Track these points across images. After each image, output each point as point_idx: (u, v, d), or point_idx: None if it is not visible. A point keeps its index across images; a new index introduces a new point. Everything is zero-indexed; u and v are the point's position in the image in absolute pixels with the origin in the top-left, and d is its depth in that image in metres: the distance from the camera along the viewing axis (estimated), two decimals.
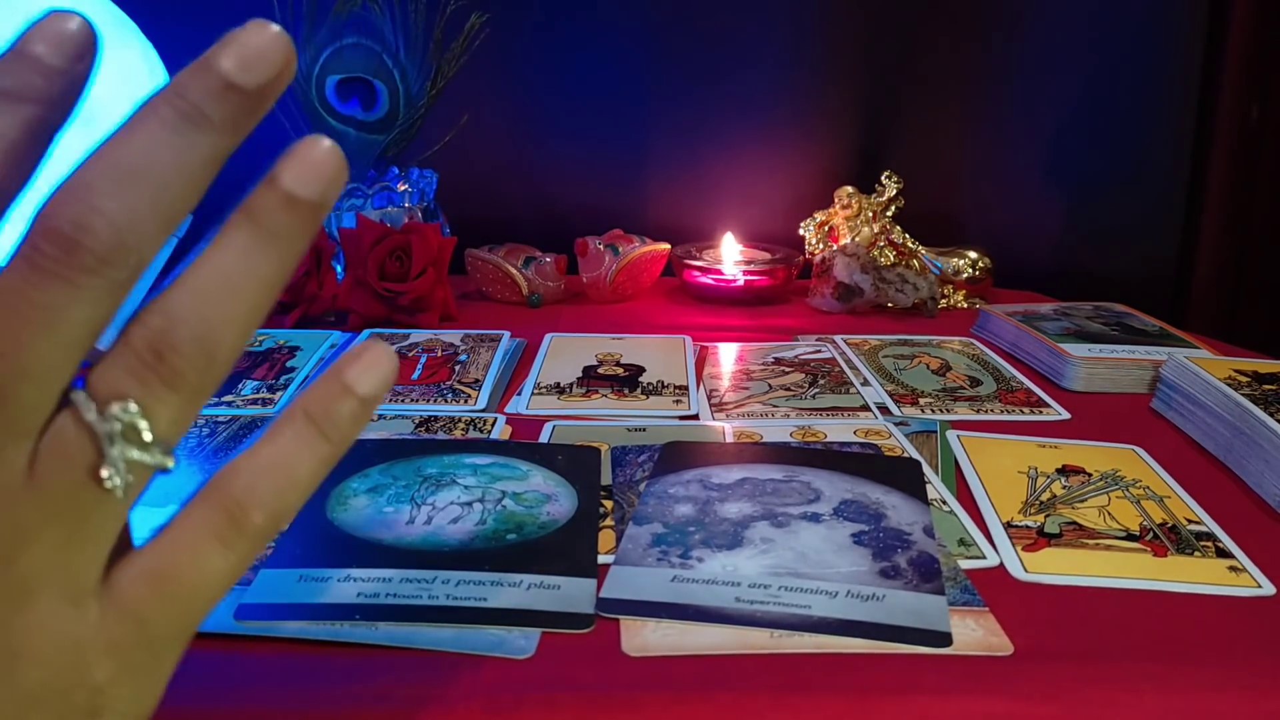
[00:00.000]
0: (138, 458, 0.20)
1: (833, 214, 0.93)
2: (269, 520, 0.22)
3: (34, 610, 0.20)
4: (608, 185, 1.02)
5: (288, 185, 0.21)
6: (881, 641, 0.37)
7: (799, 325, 0.83)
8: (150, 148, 0.20)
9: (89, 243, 0.19)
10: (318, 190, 0.21)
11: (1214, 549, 0.45)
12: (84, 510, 0.20)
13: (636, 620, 0.38)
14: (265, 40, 0.20)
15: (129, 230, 0.19)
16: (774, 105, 1.00)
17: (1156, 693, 0.35)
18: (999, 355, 0.74)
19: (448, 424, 0.59)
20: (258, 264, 0.21)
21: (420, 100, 0.86)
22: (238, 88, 0.20)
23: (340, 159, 0.21)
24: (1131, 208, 1.00)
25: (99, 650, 0.21)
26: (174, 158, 0.20)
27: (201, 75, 0.20)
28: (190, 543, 0.21)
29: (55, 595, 0.20)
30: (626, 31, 0.98)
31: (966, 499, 0.50)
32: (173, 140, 0.20)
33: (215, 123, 0.20)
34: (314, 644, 0.37)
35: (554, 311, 0.86)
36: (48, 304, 0.19)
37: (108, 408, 0.20)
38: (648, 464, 0.52)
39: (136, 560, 0.22)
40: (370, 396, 0.22)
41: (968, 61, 0.99)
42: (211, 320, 0.20)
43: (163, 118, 0.20)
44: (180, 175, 0.20)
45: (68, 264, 0.19)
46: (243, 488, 0.22)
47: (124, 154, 0.19)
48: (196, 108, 0.20)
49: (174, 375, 0.20)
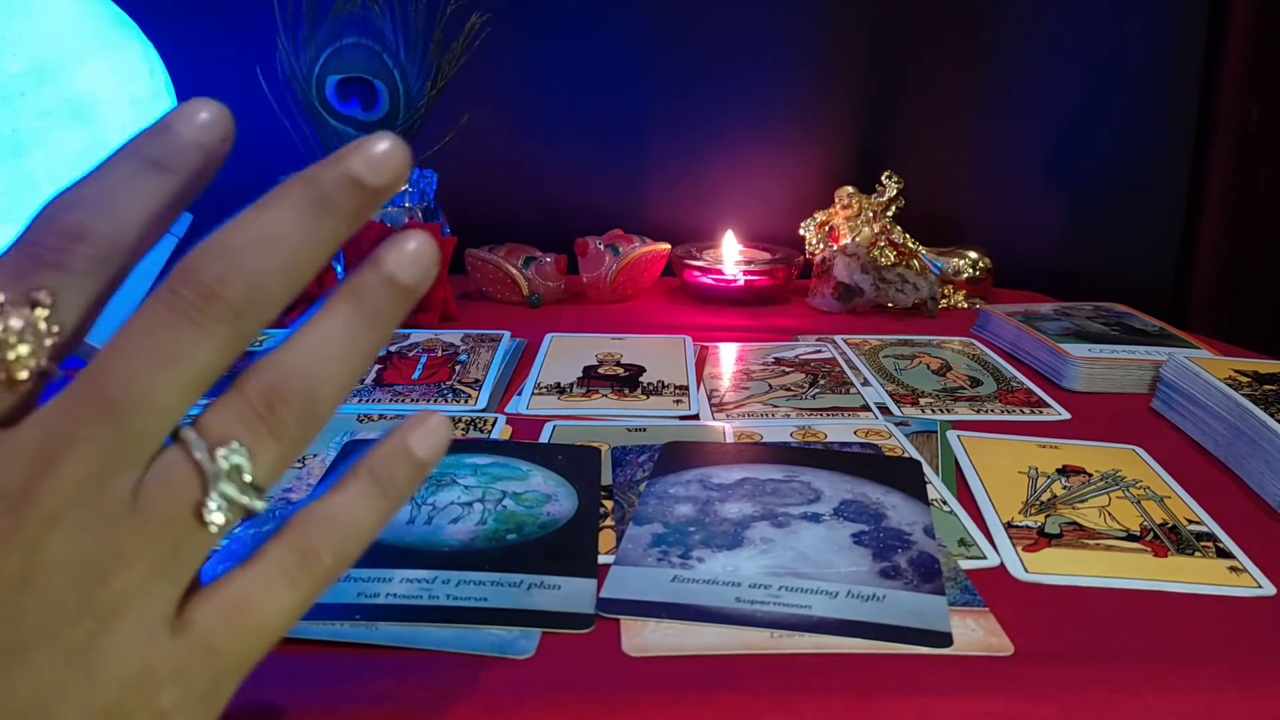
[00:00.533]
0: (237, 498, 0.22)
1: (833, 214, 0.93)
2: (335, 564, 0.24)
3: (118, 632, 0.21)
4: (608, 185, 1.02)
5: (390, 270, 0.23)
6: (881, 641, 0.37)
7: (799, 325, 0.83)
8: (285, 224, 0.22)
9: (226, 294, 0.21)
10: (416, 278, 0.23)
11: (1214, 549, 0.45)
12: (179, 542, 0.22)
13: (637, 620, 0.38)
14: (390, 148, 0.23)
15: (260, 290, 0.22)
16: (774, 105, 1.00)
17: (1156, 693, 0.35)
18: (999, 355, 0.74)
19: None
20: (359, 336, 0.23)
21: (420, 100, 0.86)
22: (363, 185, 0.23)
23: (435, 251, 0.24)
24: (1131, 208, 1.00)
25: (168, 676, 0.22)
26: (303, 235, 0.22)
27: (333, 169, 0.23)
28: (264, 580, 0.23)
29: (138, 620, 0.22)
30: (627, 31, 0.98)
31: (967, 499, 0.50)
32: (303, 220, 0.22)
33: (340, 211, 0.23)
34: (314, 644, 0.37)
35: (554, 311, 0.86)
36: (178, 344, 0.21)
37: (217, 449, 0.22)
38: (648, 464, 0.52)
39: (212, 593, 0.23)
40: (428, 461, 0.25)
41: (968, 62, 0.99)
42: (318, 380, 0.23)
43: (297, 200, 0.22)
44: (306, 250, 0.22)
45: (204, 311, 0.21)
46: (315, 532, 0.24)
47: (263, 225, 0.22)
48: (327, 196, 0.22)
49: (280, 426, 0.22)
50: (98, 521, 0.21)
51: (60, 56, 0.71)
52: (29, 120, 0.69)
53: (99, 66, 0.73)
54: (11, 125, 0.69)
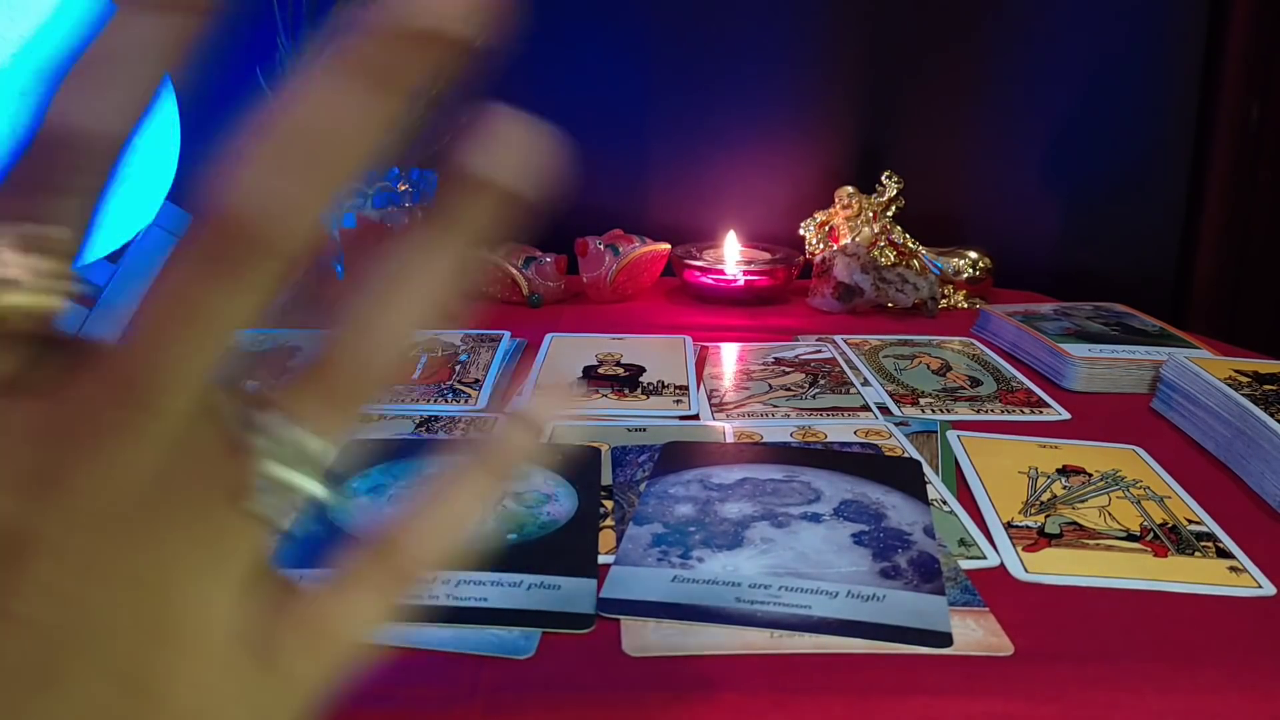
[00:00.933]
0: (289, 480, 0.18)
1: (833, 214, 0.93)
2: (434, 569, 0.21)
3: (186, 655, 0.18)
4: (608, 185, 1.02)
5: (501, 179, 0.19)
6: (881, 642, 0.37)
7: (799, 325, 0.83)
8: (334, 119, 0.17)
9: (272, 234, 0.17)
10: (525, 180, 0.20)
11: (1214, 549, 0.45)
12: (237, 541, 0.19)
13: (637, 620, 0.38)
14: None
15: (312, 215, 0.17)
16: (774, 105, 1.00)
17: (1156, 693, 0.35)
18: (999, 355, 0.74)
19: (448, 424, 0.59)
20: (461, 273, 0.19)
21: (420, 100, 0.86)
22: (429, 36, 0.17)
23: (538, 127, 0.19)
24: (1131, 208, 1.00)
25: (240, 705, 0.19)
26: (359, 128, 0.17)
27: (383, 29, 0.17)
28: (355, 600, 0.20)
29: (209, 641, 0.18)
30: (627, 31, 0.98)
31: (967, 499, 0.50)
32: (358, 108, 0.17)
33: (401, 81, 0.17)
34: None
35: (554, 311, 0.86)
36: (217, 304, 0.17)
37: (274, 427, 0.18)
38: (648, 464, 0.52)
39: (295, 616, 0.20)
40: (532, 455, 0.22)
41: (968, 62, 0.99)
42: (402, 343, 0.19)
43: (346, 81, 0.17)
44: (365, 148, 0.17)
45: (245, 260, 0.17)
46: (417, 546, 0.21)
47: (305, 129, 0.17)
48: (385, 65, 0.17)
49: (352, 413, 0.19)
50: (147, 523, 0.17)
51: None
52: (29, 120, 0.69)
53: None
54: (12, 125, 0.69)
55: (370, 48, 0.17)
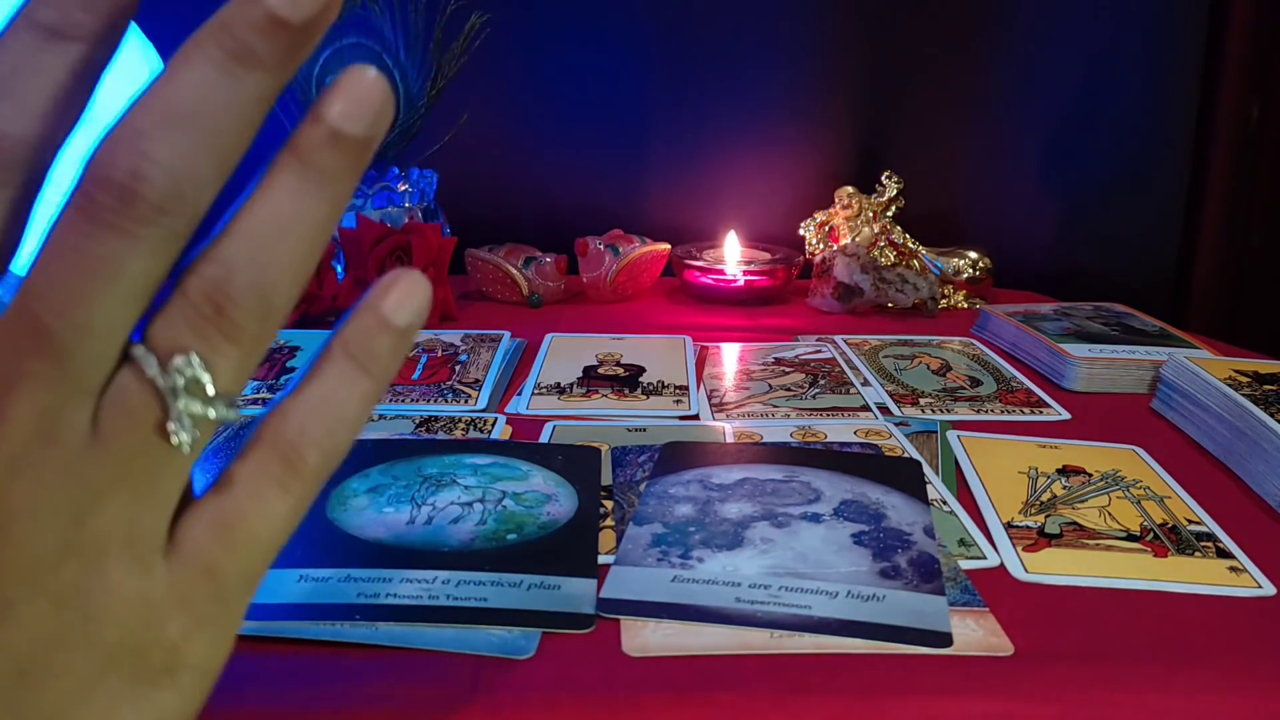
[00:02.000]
0: (202, 412, 0.20)
1: (833, 214, 0.93)
2: (323, 459, 0.22)
3: (106, 571, 0.20)
4: (608, 185, 1.02)
5: (334, 121, 0.20)
6: (881, 642, 0.37)
7: (799, 325, 0.83)
8: (201, 89, 0.19)
9: (145, 191, 0.18)
10: (365, 125, 0.20)
11: (1214, 549, 0.45)
12: (151, 468, 0.20)
13: (637, 620, 0.38)
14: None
15: (186, 177, 0.18)
16: (774, 105, 1.00)
17: (1157, 693, 0.35)
18: (999, 355, 0.74)
19: (448, 424, 0.59)
20: (309, 207, 0.20)
21: (420, 100, 0.86)
22: (286, 23, 0.19)
23: (386, 89, 0.20)
24: (1131, 208, 1.00)
25: (171, 606, 0.21)
26: (226, 99, 0.19)
27: (247, 11, 0.19)
28: (250, 490, 0.21)
29: (126, 555, 0.20)
30: (627, 31, 0.98)
31: (967, 499, 0.50)
32: (223, 81, 0.19)
33: (265, 61, 0.19)
34: (314, 644, 0.37)
35: (554, 311, 0.86)
36: (106, 256, 0.18)
37: (170, 362, 0.20)
38: (648, 464, 0.52)
39: (198, 513, 0.21)
40: (408, 327, 0.22)
41: (968, 62, 0.99)
42: (268, 267, 0.20)
43: (210, 58, 0.19)
44: (234, 117, 0.19)
45: (124, 214, 0.18)
46: (295, 430, 0.21)
47: (174, 97, 0.18)
48: (246, 46, 0.19)
49: (234, 327, 0.20)
50: (60, 460, 0.19)
51: None
52: None
53: None
54: None
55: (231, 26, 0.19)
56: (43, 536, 0.20)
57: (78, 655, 0.20)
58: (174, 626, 0.21)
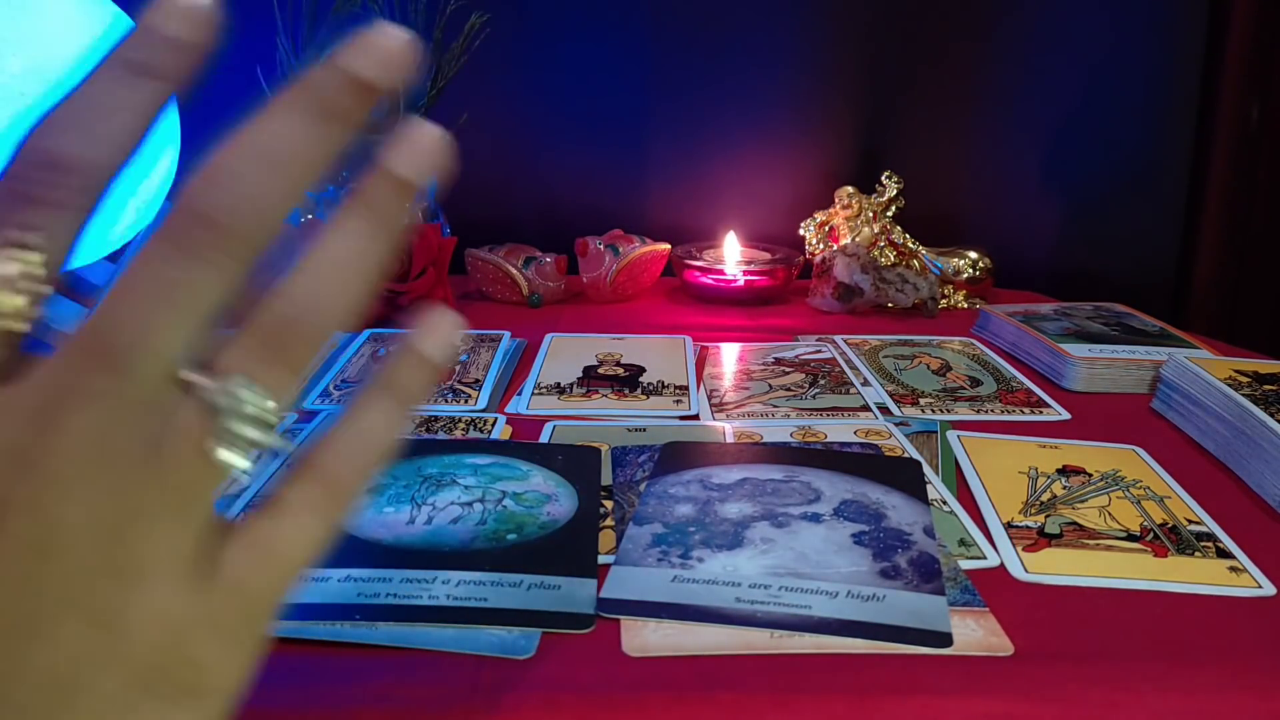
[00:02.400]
0: (257, 436, 0.21)
1: (833, 214, 0.93)
2: (359, 485, 0.23)
3: (144, 591, 0.20)
4: (608, 185, 1.02)
5: (401, 172, 0.22)
6: (881, 642, 0.37)
7: (799, 325, 0.83)
8: (286, 138, 0.21)
9: (228, 221, 0.20)
10: (425, 175, 0.23)
11: (1214, 549, 0.45)
12: (200, 489, 0.21)
13: (637, 620, 0.38)
14: (392, 39, 0.22)
15: (269, 214, 0.21)
16: (774, 105, 1.00)
17: (1156, 693, 0.35)
18: (999, 355, 0.74)
19: (448, 424, 0.59)
20: (371, 249, 0.22)
21: (420, 100, 0.86)
22: (369, 84, 0.21)
23: (441, 139, 0.23)
24: (1131, 208, 1.00)
25: (202, 627, 0.21)
26: (306, 147, 0.21)
27: (334, 72, 0.21)
28: (293, 516, 0.22)
29: (165, 575, 0.21)
30: (627, 31, 0.98)
31: (967, 499, 0.50)
32: (306, 131, 0.21)
33: (344, 116, 0.21)
34: (314, 644, 0.37)
35: (554, 311, 0.86)
36: (182, 282, 0.20)
37: (228, 387, 0.21)
38: (648, 464, 0.52)
39: (237, 536, 0.22)
40: (443, 363, 0.24)
41: (968, 62, 0.99)
42: (334, 308, 0.22)
43: (298, 109, 0.21)
44: (309, 163, 0.21)
45: (205, 241, 0.20)
46: (338, 460, 0.23)
47: (263, 143, 0.21)
48: (332, 102, 0.21)
49: (297, 359, 0.21)
50: (113, 479, 0.20)
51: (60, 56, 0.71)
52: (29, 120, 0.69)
53: None
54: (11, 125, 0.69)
55: (320, 85, 0.21)
56: (87, 556, 0.20)
57: (108, 674, 0.20)
58: (203, 647, 0.21)
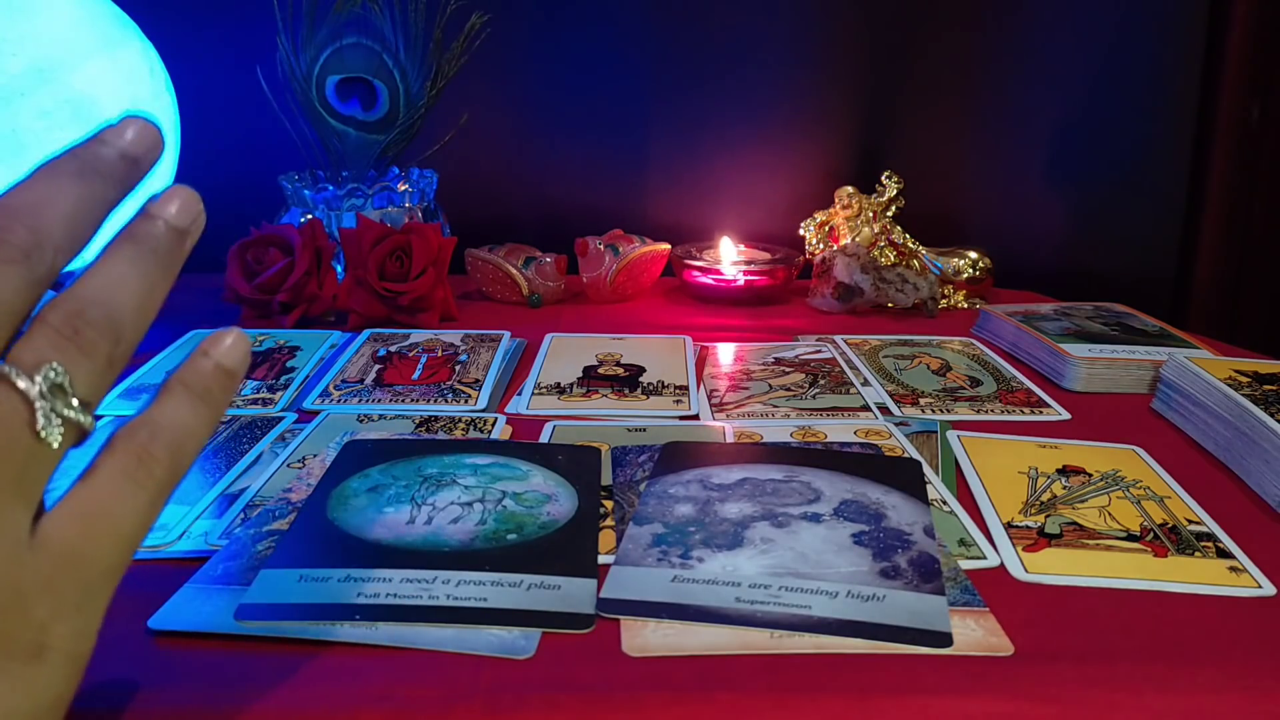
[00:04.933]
0: (66, 414, 0.24)
1: (833, 214, 0.93)
2: (173, 462, 0.26)
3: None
4: (608, 185, 1.02)
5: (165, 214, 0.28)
6: (881, 642, 0.37)
7: (799, 325, 0.83)
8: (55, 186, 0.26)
9: (11, 238, 0.24)
10: (186, 220, 0.28)
11: (1214, 549, 0.45)
12: (22, 464, 0.23)
13: (637, 620, 0.38)
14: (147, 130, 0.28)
15: (45, 234, 0.25)
16: (774, 105, 1.00)
17: (1156, 693, 0.35)
18: (999, 355, 0.74)
19: (448, 424, 0.59)
20: (144, 264, 0.27)
21: (420, 100, 0.86)
22: (130, 158, 0.28)
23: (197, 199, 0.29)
24: (1131, 208, 1.00)
25: (38, 590, 0.24)
26: (77, 193, 0.26)
27: (101, 146, 0.27)
28: (109, 484, 0.25)
29: (4, 545, 0.23)
30: (627, 31, 0.98)
31: (967, 499, 0.50)
32: (75, 184, 0.26)
33: (106, 176, 0.27)
34: (314, 644, 0.37)
35: (554, 311, 0.86)
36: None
37: (34, 373, 0.24)
38: (648, 464, 0.52)
39: (62, 507, 0.25)
40: (236, 370, 0.29)
41: (968, 61, 0.99)
42: (114, 303, 0.26)
43: (67, 170, 0.26)
44: (79, 206, 0.26)
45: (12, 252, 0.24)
46: (146, 434, 0.26)
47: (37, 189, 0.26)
48: (92, 165, 0.27)
49: (90, 345, 0.25)
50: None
51: (60, 56, 0.71)
52: (29, 120, 0.69)
53: (99, 66, 0.73)
54: (11, 125, 0.69)
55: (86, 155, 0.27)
56: None
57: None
58: (41, 608, 0.24)
